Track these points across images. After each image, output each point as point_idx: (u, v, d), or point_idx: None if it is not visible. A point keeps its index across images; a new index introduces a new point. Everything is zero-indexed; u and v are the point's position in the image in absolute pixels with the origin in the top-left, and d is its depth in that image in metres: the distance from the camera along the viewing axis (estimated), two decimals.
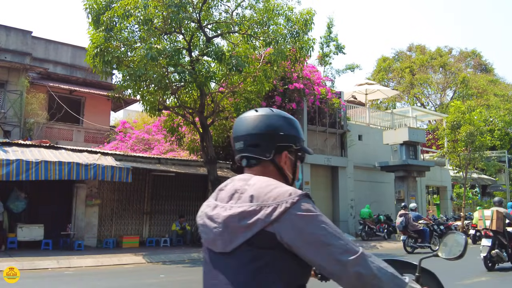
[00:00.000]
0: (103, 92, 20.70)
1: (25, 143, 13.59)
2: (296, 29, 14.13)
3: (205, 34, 14.14)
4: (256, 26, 14.10)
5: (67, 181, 13.38)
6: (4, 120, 18.11)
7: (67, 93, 21.12)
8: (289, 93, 18.88)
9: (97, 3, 12.89)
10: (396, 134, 20.66)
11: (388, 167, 20.73)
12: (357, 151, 21.64)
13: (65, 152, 13.47)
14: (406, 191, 20.18)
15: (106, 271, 10.49)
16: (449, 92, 42.65)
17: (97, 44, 12.39)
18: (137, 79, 12.52)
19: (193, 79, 12.72)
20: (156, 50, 11.87)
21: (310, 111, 20.09)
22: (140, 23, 12.32)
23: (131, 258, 12.10)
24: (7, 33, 19.90)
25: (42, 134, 19.30)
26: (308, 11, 14.20)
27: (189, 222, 16.34)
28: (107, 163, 13.20)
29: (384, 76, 42.90)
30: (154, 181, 16.29)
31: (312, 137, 20.24)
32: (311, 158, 19.78)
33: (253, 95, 14.22)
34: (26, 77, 19.11)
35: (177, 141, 16.27)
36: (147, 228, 15.98)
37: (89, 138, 21.52)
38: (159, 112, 14.93)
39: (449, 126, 21.82)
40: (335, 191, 20.85)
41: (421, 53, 42.90)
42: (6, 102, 18.42)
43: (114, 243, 14.50)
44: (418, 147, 21.16)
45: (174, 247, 14.96)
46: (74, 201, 14.24)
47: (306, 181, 19.40)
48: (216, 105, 14.87)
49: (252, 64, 13.93)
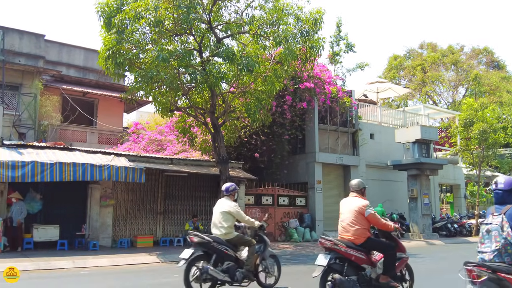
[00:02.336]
0: (115, 94, 20.93)
1: (39, 145, 13.79)
2: (306, 28, 14.13)
3: (215, 35, 14.22)
4: (266, 26, 14.13)
5: (82, 182, 13.53)
6: (19, 123, 18.38)
7: (80, 95, 21.38)
8: (299, 93, 18.90)
9: (108, 6, 13.03)
10: (409, 132, 20.57)
11: (400, 165, 20.65)
12: (369, 149, 21.58)
13: (79, 153, 13.64)
14: (419, 190, 20.08)
15: (121, 271, 10.62)
16: (461, 89, 42.32)
17: (109, 47, 12.52)
18: (149, 80, 12.63)
19: (204, 80, 12.79)
20: (167, 52, 11.96)
21: (321, 110, 20.09)
22: (151, 25, 12.43)
23: (146, 257, 12.23)
24: (21, 37, 20.20)
25: (56, 136, 19.56)
26: (317, 10, 14.20)
27: (202, 221, 16.44)
28: (121, 164, 13.34)
29: (396, 74, 42.68)
30: (167, 181, 16.41)
31: (323, 136, 20.23)
32: (323, 157, 19.78)
33: (264, 95, 14.26)
34: (40, 80, 19.39)
35: (189, 142, 16.37)
36: (160, 228, 16.11)
37: (103, 140, 21.76)
38: (171, 113, 15.06)
39: (461, 124, 21.67)
40: (347, 190, 20.64)
41: (433, 51, 42.59)
42: (21, 105, 18.70)
43: (128, 243, 14.65)
44: (430, 145, 21.06)
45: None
46: (88, 202, 14.42)
47: (318, 180, 19.41)
48: (227, 105, 14.94)
49: (262, 64, 13.96)
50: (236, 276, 6.85)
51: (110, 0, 13.14)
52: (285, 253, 13.88)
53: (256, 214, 17.82)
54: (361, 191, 6.37)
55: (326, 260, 5.80)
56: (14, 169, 11.55)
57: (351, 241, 5.97)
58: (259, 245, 7.39)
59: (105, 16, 13.04)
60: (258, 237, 7.46)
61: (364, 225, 6.01)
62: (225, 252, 6.89)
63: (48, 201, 13.89)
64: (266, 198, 18.43)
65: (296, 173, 20.29)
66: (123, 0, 13.22)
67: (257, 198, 18.21)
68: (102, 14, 13.10)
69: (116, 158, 13.94)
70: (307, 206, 19.49)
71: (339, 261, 5.88)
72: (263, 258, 7.40)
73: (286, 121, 18.69)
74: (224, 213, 7.11)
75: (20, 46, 19.90)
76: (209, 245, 6.84)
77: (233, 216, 7.14)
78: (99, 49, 13.14)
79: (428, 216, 20.32)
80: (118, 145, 20.50)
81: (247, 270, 6.99)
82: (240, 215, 7.17)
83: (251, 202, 17.91)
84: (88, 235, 13.73)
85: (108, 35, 12.70)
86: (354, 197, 6.31)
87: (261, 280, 7.39)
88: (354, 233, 5.98)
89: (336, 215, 6.69)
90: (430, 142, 20.84)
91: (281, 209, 18.79)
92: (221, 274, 6.72)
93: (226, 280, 6.77)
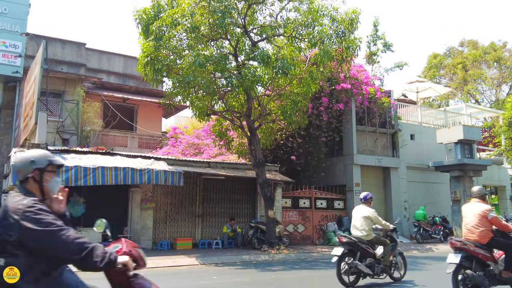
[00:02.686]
0: (154, 99, 21.35)
1: (82, 150, 14.23)
2: (342, 29, 14.01)
3: (250, 39, 14.29)
4: (301, 28, 14.09)
5: (123, 186, 13.85)
6: (62, 129, 19.02)
7: (120, 101, 21.93)
8: (336, 94, 18.71)
9: (146, 13, 13.35)
10: (450, 133, 19.97)
11: (442, 167, 20.06)
12: (409, 151, 21.10)
13: (120, 158, 13.98)
14: (462, 192, 19.44)
15: (161, 273, 10.78)
16: (505, 87, 40.71)
17: (147, 53, 12.80)
18: (186, 85, 12.82)
19: (240, 84, 12.87)
20: (203, 57, 12.11)
21: (358, 111, 19.81)
22: (187, 31, 12.63)
23: (185, 260, 12.38)
24: (63, 46, 20.96)
25: (98, 141, 20.13)
26: (353, 10, 14.05)
27: (240, 224, 16.52)
28: (160, 168, 13.59)
29: (436, 73, 41.55)
30: (205, 184, 16.59)
31: (362, 138, 19.94)
32: (361, 159, 19.50)
33: (300, 97, 14.20)
34: (82, 87, 20.02)
35: (225, 145, 16.51)
36: (199, 231, 16.29)
37: (143, 144, 22.23)
38: (208, 117, 15.22)
39: (506, 123, 20.90)
40: (387, 192, 20.42)
41: (474, 48, 41.19)
42: (64, 112, 19.35)
43: (168, 245, 14.90)
44: (473, 145, 20.36)
45: (225, 249, 15.16)
46: (130, 205, 14.78)
47: (356, 183, 19.13)
48: (263, 108, 14.96)
49: (297, 66, 13.92)
50: (376, 270, 8.27)
51: (147, 8, 13.46)
52: (324, 257, 13.72)
53: (293, 217, 17.74)
54: (483, 197, 7.21)
55: (457, 258, 6.69)
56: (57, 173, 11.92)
57: (477, 241, 6.78)
58: (392, 244, 8.70)
59: (143, 23, 13.37)
60: (390, 237, 8.75)
61: (487, 227, 6.78)
62: (367, 250, 8.25)
63: (90, 205, 14.29)
64: (303, 201, 18.31)
65: (333, 176, 20.07)
66: (160, 8, 13.52)
67: (294, 201, 18.11)
68: (140, 22, 13.43)
69: (156, 162, 14.21)
70: (345, 209, 19.22)
71: (467, 259, 6.74)
72: (393, 255, 8.74)
73: (322, 123, 18.53)
74: (364, 218, 8.38)
75: (63, 55, 20.66)
76: (355, 244, 8.20)
77: (371, 220, 8.42)
78: (138, 56, 13.47)
79: None
80: (157, 149, 20.90)
81: (384, 265, 8.40)
82: (378, 220, 8.49)
83: (288, 205, 17.83)
84: (130, 238, 14.02)
85: (146, 42, 12.99)
86: (476, 202, 7.10)
87: (392, 274, 8.72)
88: (480, 234, 6.77)
89: None
90: (473, 142, 20.16)
91: (319, 212, 18.61)
92: (366, 268, 8.14)
93: (369, 273, 8.20)
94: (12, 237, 2.43)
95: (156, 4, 13.59)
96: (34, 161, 2.80)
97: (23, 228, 2.43)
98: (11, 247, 2.45)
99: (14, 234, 2.44)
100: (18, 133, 18.42)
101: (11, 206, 2.52)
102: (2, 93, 20.85)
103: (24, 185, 2.75)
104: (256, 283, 9.21)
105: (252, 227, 15.55)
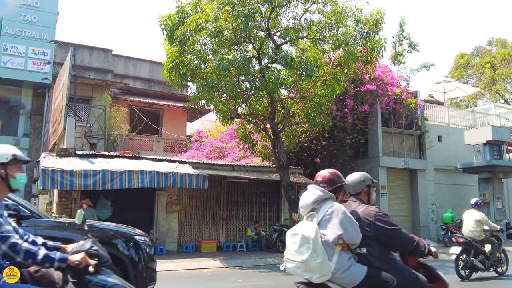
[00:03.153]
0: (179, 104, 21.61)
1: (109, 154, 14.52)
2: (366, 30, 13.87)
3: (273, 42, 14.30)
4: (325, 30, 14.01)
5: (149, 189, 14.05)
6: (90, 134, 19.44)
7: (146, 106, 22.28)
8: (361, 95, 18.52)
9: (171, 19, 13.52)
10: (479, 134, 19.53)
11: (471, 168, 19.63)
12: (436, 152, 20.71)
13: (146, 161, 14.20)
14: (492, 194, 18.99)
15: (186, 275, 10.89)
16: None
17: (172, 59, 12.97)
18: (210, 89, 12.92)
19: (263, 87, 12.89)
20: (227, 61, 12.19)
21: (384, 112, 19.56)
22: (211, 35, 12.72)
23: (210, 262, 12.46)
24: (90, 53, 21.43)
25: (125, 145, 20.50)
26: (378, 10, 13.90)
27: (264, 227, 16.52)
28: (185, 171, 13.73)
29: (463, 73, 40.67)
30: (229, 187, 16.67)
31: (387, 140, 19.68)
32: (387, 161, 19.25)
33: (324, 99, 14.13)
34: (109, 93, 20.44)
35: (249, 148, 16.54)
36: (223, 233, 16.37)
37: (168, 148, 22.52)
38: (232, 120, 15.29)
39: None
40: (414, 195, 20.08)
41: (502, 47, 40.12)
42: (91, 117, 19.78)
43: (193, 248, 15.02)
44: (503, 146, 19.85)
45: (249, 252, 15.19)
46: (155, 208, 14.97)
47: (382, 185, 18.87)
48: (287, 111, 14.94)
49: (321, 68, 13.85)
50: (486, 265, 9.65)
51: (172, 14, 13.64)
52: None
53: None
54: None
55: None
56: (86, 177, 12.21)
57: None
58: (498, 242, 9.97)
59: (168, 29, 13.54)
60: (495, 237, 10.07)
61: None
62: (480, 249, 9.61)
63: (117, 208, 14.53)
64: None
65: None
66: (185, 13, 13.67)
67: None
68: (165, 28, 13.61)
69: (181, 165, 14.37)
70: None
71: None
72: (499, 252, 9.99)
73: (347, 125, 18.35)
74: (476, 221, 9.68)
75: (90, 61, 21.13)
76: (470, 243, 9.56)
77: (482, 222, 9.72)
78: (163, 61, 13.65)
79: (502, 221, 19.16)
80: (182, 153, 21.12)
81: (492, 261, 9.75)
82: (488, 222, 9.81)
83: None
84: (156, 240, 14.20)
85: (171, 47, 13.16)
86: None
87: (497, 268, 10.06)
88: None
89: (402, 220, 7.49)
90: (502, 143, 19.67)
91: None
92: (479, 263, 9.51)
93: (481, 268, 9.56)
94: None
95: (180, 9, 13.75)
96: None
97: None
98: None
99: None
100: (47, 138, 18.92)
101: None
102: (32, 99, 21.48)
103: None
104: (281, 286, 9.19)
105: (276, 230, 15.52)
